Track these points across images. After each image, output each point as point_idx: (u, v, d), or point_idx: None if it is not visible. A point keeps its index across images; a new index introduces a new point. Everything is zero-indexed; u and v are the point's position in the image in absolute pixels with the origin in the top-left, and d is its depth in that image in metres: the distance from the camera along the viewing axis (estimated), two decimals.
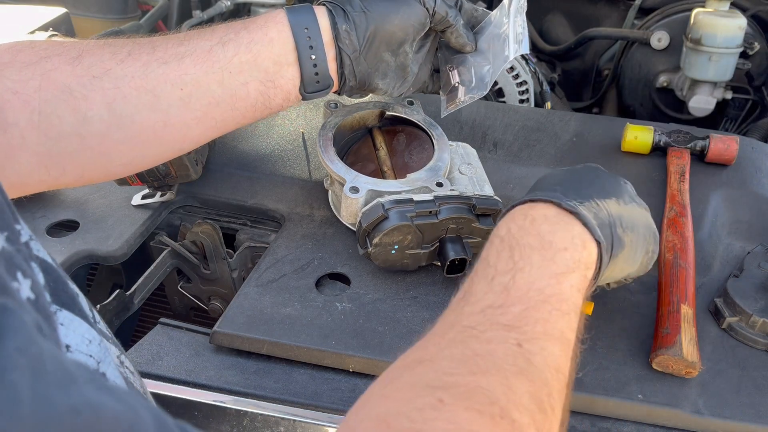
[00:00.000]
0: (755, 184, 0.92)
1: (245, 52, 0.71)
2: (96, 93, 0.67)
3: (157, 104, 0.69)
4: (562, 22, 1.55)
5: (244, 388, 0.70)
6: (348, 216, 0.82)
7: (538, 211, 0.59)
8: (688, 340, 0.68)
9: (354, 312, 0.75)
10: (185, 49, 0.70)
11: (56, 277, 0.39)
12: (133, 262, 0.89)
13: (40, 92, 0.65)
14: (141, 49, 0.69)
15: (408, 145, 0.92)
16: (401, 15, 0.76)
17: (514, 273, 0.54)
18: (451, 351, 0.48)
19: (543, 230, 0.57)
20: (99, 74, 0.67)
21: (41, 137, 0.66)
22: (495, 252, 0.57)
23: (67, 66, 0.66)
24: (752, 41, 1.30)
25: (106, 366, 0.40)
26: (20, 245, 0.33)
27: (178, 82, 0.69)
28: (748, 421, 0.66)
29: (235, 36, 0.71)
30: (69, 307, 0.39)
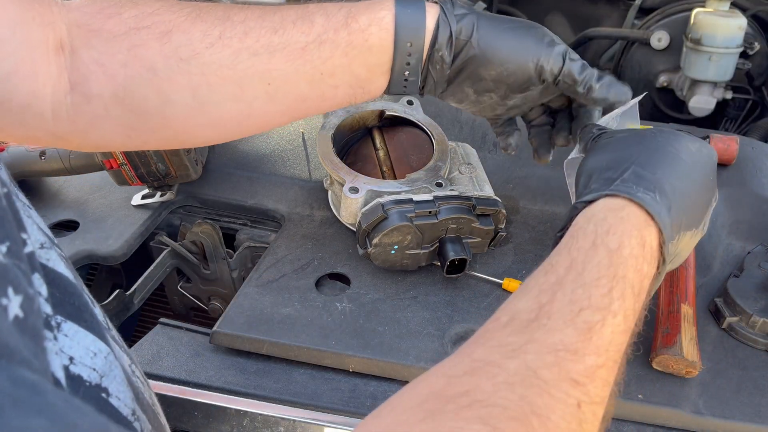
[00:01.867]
0: (755, 184, 0.92)
1: (341, 56, 0.66)
2: (181, 77, 0.65)
3: (241, 96, 0.67)
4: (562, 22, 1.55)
5: (244, 388, 0.70)
6: (348, 216, 0.82)
7: (648, 236, 0.53)
8: (688, 340, 0.68)
9: (354, 312, 0.75)
10: (278, 41, 0.65)
11: (64, 287, 0.38)
12: (133, 262, 0.89)
13: (126, 68, 0.64)
14: (233, 31, 0.65)
15: (408, 145, 0.92)
16: (502, 68, 0.67)
17: (606, 315, 0.47)
18: (506, 398, 0.42)
19: (644, 269, 0.52)
20: (186, 57, 0.64)
21: (125, 111, 0.65)
22: (595, 269, 0.49)
23: (155, 42, 0.64)
24: (752, 41, 1.29)
25: (110, 380, 0.39)
26: (22, 256, 0.32)
27: (266, 77, 0.66)
28: (748, 421, 0.66)
29: (334, 35, 0.65)
30: (75, 318, 0.38)
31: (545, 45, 0.67)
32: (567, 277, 0.49)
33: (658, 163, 0.57)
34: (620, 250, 0.50)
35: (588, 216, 0.54)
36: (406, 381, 0.69)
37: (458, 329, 0.74)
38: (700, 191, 0.60)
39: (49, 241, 0.39)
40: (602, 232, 0.52)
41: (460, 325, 0.74)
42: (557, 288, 0.48)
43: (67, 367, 0.36)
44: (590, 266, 0.49)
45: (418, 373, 0.69)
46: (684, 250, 0.60)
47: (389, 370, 0.70)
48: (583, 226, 0.53)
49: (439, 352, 0.71)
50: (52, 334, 0.35)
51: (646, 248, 0.52)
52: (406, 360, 0.70)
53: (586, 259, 0.50)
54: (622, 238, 0.51)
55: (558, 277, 0.49)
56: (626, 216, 0.53)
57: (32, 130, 0.65)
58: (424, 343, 0.72)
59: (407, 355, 0.71)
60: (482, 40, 0.66)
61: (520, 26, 0.68)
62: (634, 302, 0.49)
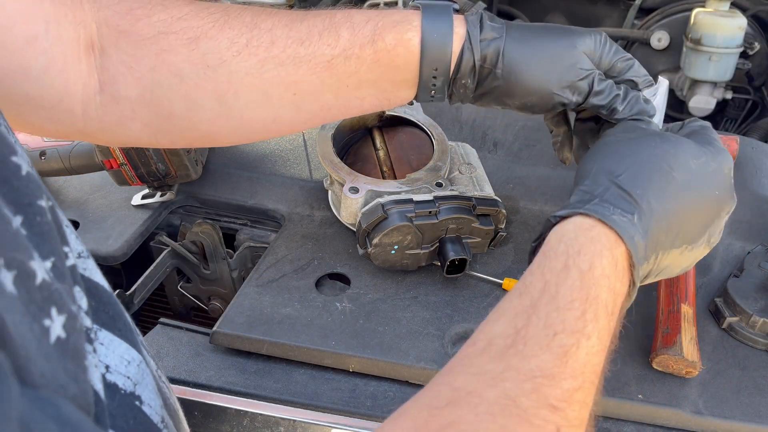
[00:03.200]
0: (755, 184, 0.92)
1: (366, 71, 0.66)
2: (208, 83, 0.65)
3: (267, 103, 0.68)
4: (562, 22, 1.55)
5: (244, 388, 0.70)
6: (348, 216, 0.82)
7: (620, 256, 0.53)
8: (688, 340, 0.68)
9: (354, 312, 0.75)
10: (304, 53, 0.65)
11: (100, 296, 0.39)
12: (133, 262, 0.89)
13: (153, 73, 0.64)
14: (259, 40, 0.65)
15: (408, 145, 0.92)
16: (526, 99, 0.67)
17: (580, 338, 0.47)
18: (489, 428, 0.42)
19: (617, 288, 0.52)
20: (213, 65, 0.65)
21: (151, 113, 0.66)
22: (569, 292, 0.49)
23: (183, 48, 0.64)
24: (752, 41, 1.29)
25: (143, 388, 0.39)
26: (65, 272, 0.32)
27: (292, 87, 0.67)
28: (748, 421, 0.66)
29: (360, 51, 0.65)
30: (109, 327, 0.38)
31: (572, 76, 0.66)
32: (541, 300, 0.49)
33: (645, 181, 0.57)
34: (592, 271, 0.51)
35: (559, 234, 0.54)
36: (406, 381, 0.70)
37: (458, 329, 0.74)
38: (696, 209, 0.58)
39: (85, 250, 0.39)
40: (573, 253, 0.52)
41: (460, 325, 0.74)
42: (532, 312, 0.48)
43: (103, 375, 0.37)
44: (563, 289, 0.49)
45: (418, 373, 0.70)
46: (673, 266, 0.59)
47: (389, 370, 0.70)
48: (555, 247, 0.53)
49: (439, 352, 0.71)
50: (92, 347, 0.35)
51: (618, 268, 0.52)
52: (406, 360, 0.70)
53: (558, 281, 0.50)
54: (593, 258, 0.51)
55: (532, 300, 0.49)
56: (596, 236, 0.53)
57: (62, 126, 0.66)
58: (424, 343, 0.72)
59: (407, 355, 0.71)
60: (506, 70, 0.66)
61: (549, 48, 0.66)
62: (608, 322, 0.50)
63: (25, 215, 0.31)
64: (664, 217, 0.56)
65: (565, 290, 0.49)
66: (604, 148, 0.62)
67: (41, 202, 0.32)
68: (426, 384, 0.46)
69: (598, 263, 0.51)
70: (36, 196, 0.32)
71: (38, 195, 0.32)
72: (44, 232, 0.32)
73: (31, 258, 0.29)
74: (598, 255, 0.52)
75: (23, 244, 0.29)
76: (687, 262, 0.61)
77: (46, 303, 0.29)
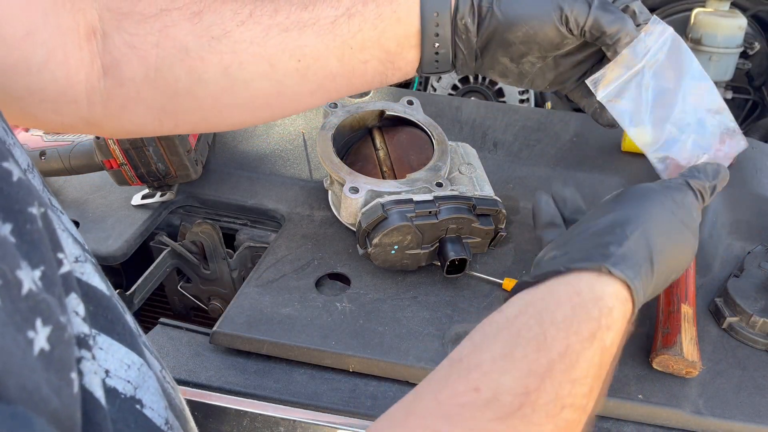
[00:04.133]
0: (755, 184, 0.92)
1: (370, 29, 0.66)
2: (213, 55, 0.65)
3: (272, 74, 0.68)
4: None
5: (244, 388, 0.70)
6: (348, 216, 0.82)
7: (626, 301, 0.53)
8: (688, 340, 0.68)
9: (354, 312, 0.75)
10: (308, 17, 0.66)
11: (98, 300, 0.39)
12: (133, 262, 0.89)
13: (158, 49, 0.64)
14: (263, 9, 0.66)
15: (408, 145, 0.92)
16: (527, 26, 0.67)
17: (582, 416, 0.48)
18: None
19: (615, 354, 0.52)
20: (218, 36, 0.65)
21: (156, 93, 0.66)
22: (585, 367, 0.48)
23: (187, 22, 0.64)
24: (752, 41, 1.29)
25: (144, 391, 0.39)
26: (56, 280, 0.32)
27: (297, 53, 0.67)
28: (748, 421, 0.66)
29: (363, 8, 0.66)
30: (108, 332, 0.38)
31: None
32: (558, 366, 0.47)
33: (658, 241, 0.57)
34: (611, 349, 0.50)
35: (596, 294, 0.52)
36: (406, 381, 0.70)
37: (458, 329, 0.74)
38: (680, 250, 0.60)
39: (83, 254, 0.39)
40: (604, 327, 0.50)
41: (460, 325, 0.74)
42: (546, 376, 0.46)
43: (103, 380, 0.36)
44: (583, 360, 0.48)
45: (418, 373, 0.69)
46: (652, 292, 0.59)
47: (389, 370, 0.70)
48: (589, 308, 0.51)
49: (439, 352, 0.71)
50: (90, 353, 0.35)
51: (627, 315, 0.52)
52: (406, 360, 0.70)
53: (581, 350, 0.48)
54: (616, 337, 0.51)
55: (549, 362, 0.47)
56: (626, 311, 0.52)
57: (67, 117, 0.66)
58: (424, 343, 0.72)
59: (407, 355, 0.71)
60: (504, 3, 0.66)
61: None
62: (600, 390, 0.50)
63: (15, 223, 0.30)
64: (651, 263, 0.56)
65: (583, 363, 0.48)
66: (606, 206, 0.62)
67: (32, 210, 0.32)
68: None
69: (617, 341, 0.51)
70: (27, 202, 0.32)
71: (29, 202, 0.32)
72: (35, 240, 0.31)
73: (18, 267, 0.28)
74: (620, 332, 0.51)
75: (10, 253, 0.28)
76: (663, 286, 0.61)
77: (32, 314, 0.28)
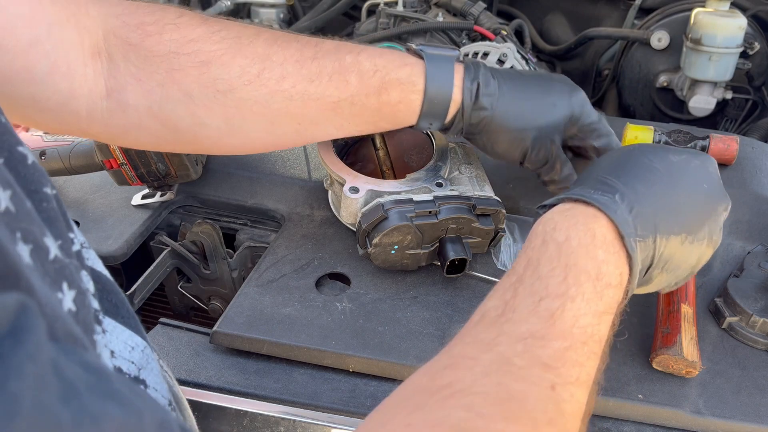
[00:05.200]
0: (755, 184, 0.92)
1: (369, 116, 0.72)
2: (217, 106, 0.68)
3: (272, 130, 0.72)
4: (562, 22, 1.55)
5: (244, 388, 0.70)
6: (348, 216, 0.82)
7: (600, 227, 0.55)
8: (688, 340, 0.68)
9: (354, 312, 0.75)
10: (313, 92, 0.69)
11: (103, 284, 0.40)
12: (133, 262, 0.89)
13: (163, 88, 0.66)
14: (271, 73, 0.68)
15: (408, 146, 0.92)
16: (500, 153, 0.76)
17: (564, 301, 0.50)
18: (485, 385, 0.45)
19: (600, 256, 0.53)
20: (223, 90, 0.67)
21: (158, 125, 0.69)
22: (548, 262, 0.53)
23: (194, 70, 0.66)
24: (752, 41, 1.29)
25: (147, 372, 0.40)
26: (72, 254, 0.34)
27: (297, 118, 0.71)
28: (748, 421, 0.66)
29: (365, 99, 0.70)
30: (112, 314, 0.39)
31: (533, 138, 0.74)
32: (525, 274, 0.52)
33: (626, 171, 0.60)
34: (568, 242, 0.54)
35: (541, 220, 0.58)
36: None
37: (458, 329, 0.74)
38: (687, 198, 0.60)
39: (86, 242, 0.41)
40: (550, 230, 0.55)
41: (460, 325, 0.74)
42: (518, 284, 0.52)
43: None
44: (543, 260, 0.53)
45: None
46: (678, 258, 0.60)
47: (389, 370, 0.70)
48: (535, 229, 0.57)
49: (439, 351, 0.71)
50: (101, 327, 0.37)
51: (597, 238, 0.54)
52: (406, 360, 0.70)
53: (539, 255, 0.54)
54: (568, 231, 0.54)
55: (518, 276, 0.53)
56: (571, 213, 0.56)
57: (68, 126, 0.69)
58: (424, 343, 0.72)
59: (407, 355, 0.71)
60: (487, 140, 0.76)
61: (530, 111, 0.74)
62: (594, 285, 0.52)
63: (32, 200, 0.32)
64: (652, 199, 0.58)
65: (545, 261, 0.53)
66: (594, 162, 0.66)
67: (47, 189, 0.34)
68: None
69: (574, 234, 0.54)
70: (42, 183, 0.34)
71: (44, 182, 0.34)
72: (51, 217, 0.33)
73: (45, 234, 0.30)
74: (573, 227, 0.55)
75: (37, 221, 0.30)
76: (692, 257, 0.61)
77: (59, 277, 0.30)
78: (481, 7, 1.32)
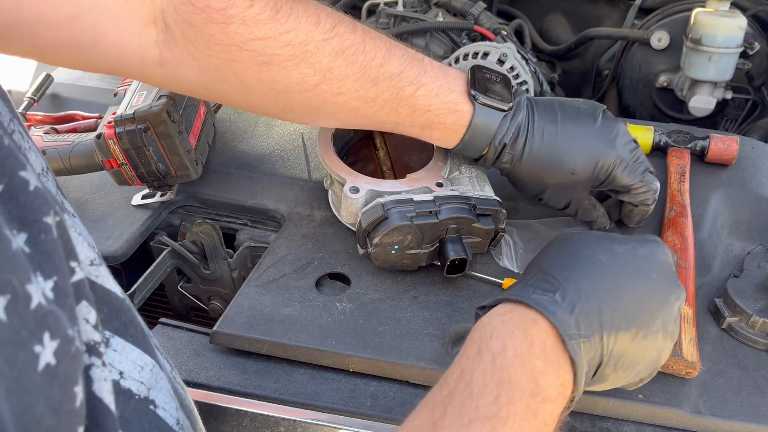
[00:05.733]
0: (755, 184, 0.92)
1: (408, 138, 0.78)
2: (270, 99, 0.72)
3: (316, 121, 0.81)
4: (562, 22, 1.55)
5: (244, 388, 0.70)
6: (348, 216, 0.82)
7: (539, 333, 0.52)
8: (688, 341, 0.68)
9: (354, 312, 0.75)
10: (364, 112, 0.73)
11: (112, 303, 0.39)
12: (133, 262, 0.89)
13: (219, 71, 0.68)
14: (329, 86, 0.70)
15: (408, 146, 0.92)
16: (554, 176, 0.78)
17: (495, 424, 0.47)
18: None
19: (537, 368, 0.50)
20: (279, 90, 0.70)
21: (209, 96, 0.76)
22: (481, 376, 0.49)
23: (254, 67, 0.67)
24: (752, 41, 1.29)
25: (157, 392, 0.40)
26: (67, 290, 0.32)
27: (341, 121, 0.77)
28: (748, 421, 0.66)
29: (410, 129, 0.76)
30: (122, 334, 0.39)
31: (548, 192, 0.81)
32: (457, 388, 0.49)
33: (568, 265, 0.57)
34: (504, 353, 0.50)
35: (478, 325, 0.54)
36: (406, 381, 0.70)
37: (458, 329, 0.74)
38: (634, 290, 0.56)
39: (98, 257, 0.40)
40: (486, 337, 0.52)
41: (460, 325, 0.74)
42: (448, 401, 0.48)
43: (117, 382, 0.37)
44: (476, 374, 0.49)
45: (418, 373, 0.69)
46: (631, 354, 0.56)
47: (389, 370, 0.70)
48: (472, 334, 0.54)
49: (439, 352, 0.71)
50: (101, 360, 0.35)
51: (536, 346, 0.51)
52: (406, 360, 0.70)
53: (473, 367, 0.50)
54: (505, 340, 0.51)
55: (449, 390, 0.49)
56: (510, 318, 0.53)
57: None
58: (424, 343, 0.72)
59: (407, 355, 0.71)
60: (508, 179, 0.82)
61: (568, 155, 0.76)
62: (528, 403, 0.49)
63: (30, 233, 0.30)
64: (596, 294, 0.54)
65: (478, 375, 0.49)
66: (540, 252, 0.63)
67: (47, 219, 0.32)
68: (426, 384, 0.46)
69: (510, 343, 0.51)
70: (42, 212, 0.32)
71: (45, 211, 0.32)
72: (48, 250, 0.31)
73: (29, 281, 0.28)
74: (510, 335, 0.52)
75: (22, 266, 0.28)
76: (649, 353, 0.58)
77: (39, 328, 0.28)
78: (481, 7, 1.32)
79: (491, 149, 0.76)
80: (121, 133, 0.84)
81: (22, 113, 1.05)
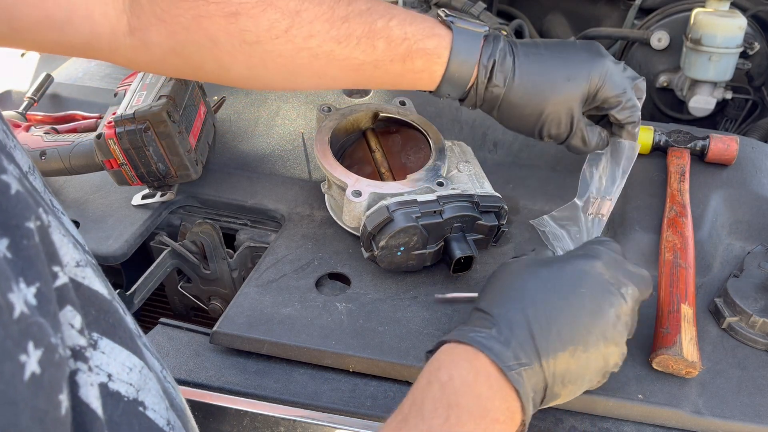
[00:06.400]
0: (755, 184, 0.92)
1: (390, 79, 0.74)
2: (241, 55, 0.69)
3: (293, 80, 0.74)
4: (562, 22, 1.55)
5: (244, 388, 0.70)
6: (351, 220, 0.81)
7: (482, 364, 0.55)
8: (688, 340, 0.68)
9: (354, 312, 0.75)
10: (339, 53, 0.70)
11: (99, 304, 0.39)
12: (133, 262, 0.89)
13: (188, 32, 0.67)
14: (299, 30, 0.68)
15: (404, 146, 0.92)
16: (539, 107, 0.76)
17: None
18: None
19: (484, 394, 0.54)
20: (250, 41, 0.68)
21: (181, 62, 0.71)
22: (432, 402, 0.53)
23: (222, 20, 0.66)
24: (752, 41, 1.29)
25: (146, 393, 0.39)
26: (50, 297, 0.31)
27: (319, 73, 0.72)
28: (748, 421, 0.66)
29: (390, 65, 0.72)
30: (110, 335, 0.38)
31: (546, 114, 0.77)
32: (410, 414, 0.53)
33: (501, 298, 0.61)
34: (451, 381, 0.54)
35: (428, 363, 0.59)
36: (406, 381, 0.70)
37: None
38: (562, 310, 0.59)
39: (84, 257, 0.39)
40: (434, 369, 0.56)
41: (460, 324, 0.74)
42: (402, 425, 0.52)
43: (105, 384, 0.37)
44: (427, 400, 0.54)
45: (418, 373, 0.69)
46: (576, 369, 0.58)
47: (389, 370, 0.70)
48: (422, 371, 0.58)
49: None
50: (87, 365, 0.35)
51: (481, 375, 0.55)
52: (406, 360, 0.70)
53: (423, 395, 0.54)
54: (452, 370, 0.55)
55: (403, 416, 0.53)
56: (456, 353, 0.57)
57: (96, 59, 0.76)
58: (424, 343, 0.72)
59: (407, 355, 0.71)
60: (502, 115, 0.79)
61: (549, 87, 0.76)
62: (477, 424, 0.52)
63: (11, 238, 0.30)
64: (526, 324, 0.57)
65: (428, 401, 0.53)
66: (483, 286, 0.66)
67: (29, 224, 0.31)
68: None
69: (457, 373, 0.55)
70: (24, 217, 0.31)
71: (27, 216, 0.31)
72: (31, 256, 0.31)
73: (10, 290, 0.28)
74: (456, 366, 0.56)
75: (4, 274, 0.28)
76: (594, 363, 0.59)
77: (23, 337, 0.28)
78: (481, 7, 1.32)
79: (481, 70, 0.74)
80: (121, 133, 0.84)
81: (22, 113, 1.05)
